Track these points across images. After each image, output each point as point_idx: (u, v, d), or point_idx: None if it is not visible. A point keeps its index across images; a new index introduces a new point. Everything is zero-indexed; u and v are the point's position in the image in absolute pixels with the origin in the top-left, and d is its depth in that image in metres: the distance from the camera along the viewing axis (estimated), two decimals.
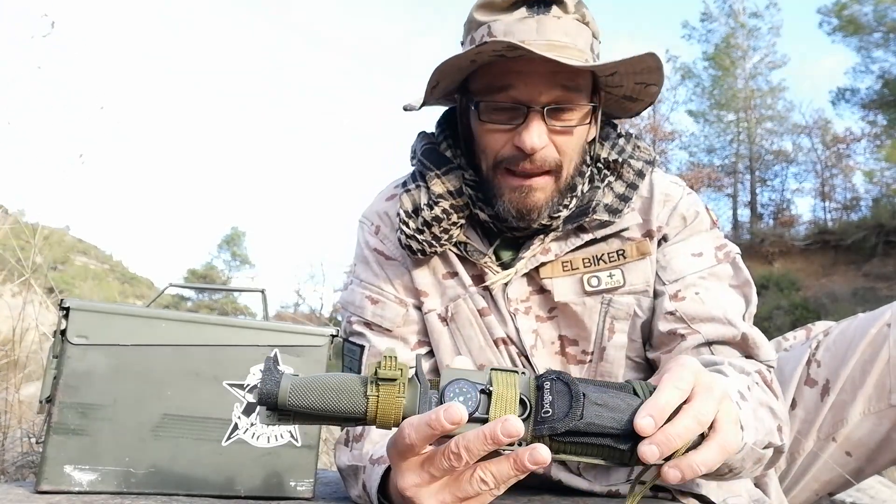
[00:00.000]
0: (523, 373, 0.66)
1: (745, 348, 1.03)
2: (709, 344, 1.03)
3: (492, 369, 0.65)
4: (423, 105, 1.09)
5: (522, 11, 1.01)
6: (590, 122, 1.06)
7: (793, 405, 1.25)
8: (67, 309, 0.98)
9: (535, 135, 0.99)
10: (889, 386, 1.16)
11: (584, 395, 0.63)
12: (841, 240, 22.07)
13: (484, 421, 0.63)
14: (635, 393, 0.66)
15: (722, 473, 0.86)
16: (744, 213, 26.32)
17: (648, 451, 0.61)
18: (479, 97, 1.04)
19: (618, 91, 1.11)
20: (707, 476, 0.87)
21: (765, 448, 0.88)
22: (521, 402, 0.64)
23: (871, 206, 23.34)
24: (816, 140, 25.55)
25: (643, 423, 0.61)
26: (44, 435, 0.96)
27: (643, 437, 0.62)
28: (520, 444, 0.62)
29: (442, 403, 0.63)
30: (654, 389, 0.66)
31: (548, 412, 0.63)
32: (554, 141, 1.02)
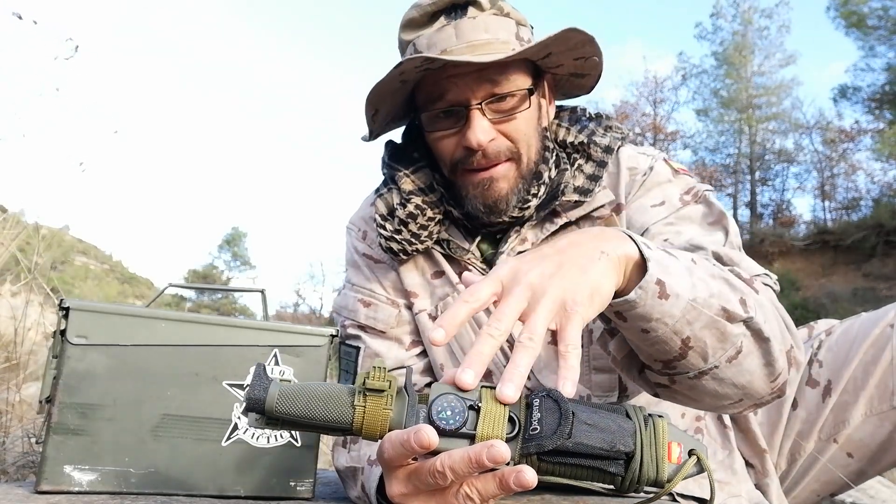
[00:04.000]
0: None
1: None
2: None
3: (482, 386, 0.64)
4: (372, 134, 1.12)
5: (441, 20, 1.05)
6: (531, 105, 1.06)
7: (794, 405, 1.25)
8: (67, 309, 0.98)
9: (479, 131, 1.01)
10: (892, 387, 1.15)
11: (573, 413, 0.62)
12: (841, 240, 22.04)
13: (471, 437, 0.62)
14: (627, 416, 0.64)
15: (674, 357, 0.79)
16: (744, 213, 26.30)
17: (463, 375, 0.63)
18: (422, 110, 1.07)
19: (561, 70, 1.12)
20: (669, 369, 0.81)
21: (723, 317, 0.79)
22: (511, 419, 0.63)
23: (871, 206, 23.33)
24: (818, 139, 25.51)
25: (435, 336, 0.66)
26: (44, 435, 0.96)
27: (633, 460, 0.61)
28: (508, 463, 0.61)
29: (430, 417, 0.62)
30: (648, 414, 0.64)
31: (536, 429, 0.62)
32: (501, 130, 1.04)
